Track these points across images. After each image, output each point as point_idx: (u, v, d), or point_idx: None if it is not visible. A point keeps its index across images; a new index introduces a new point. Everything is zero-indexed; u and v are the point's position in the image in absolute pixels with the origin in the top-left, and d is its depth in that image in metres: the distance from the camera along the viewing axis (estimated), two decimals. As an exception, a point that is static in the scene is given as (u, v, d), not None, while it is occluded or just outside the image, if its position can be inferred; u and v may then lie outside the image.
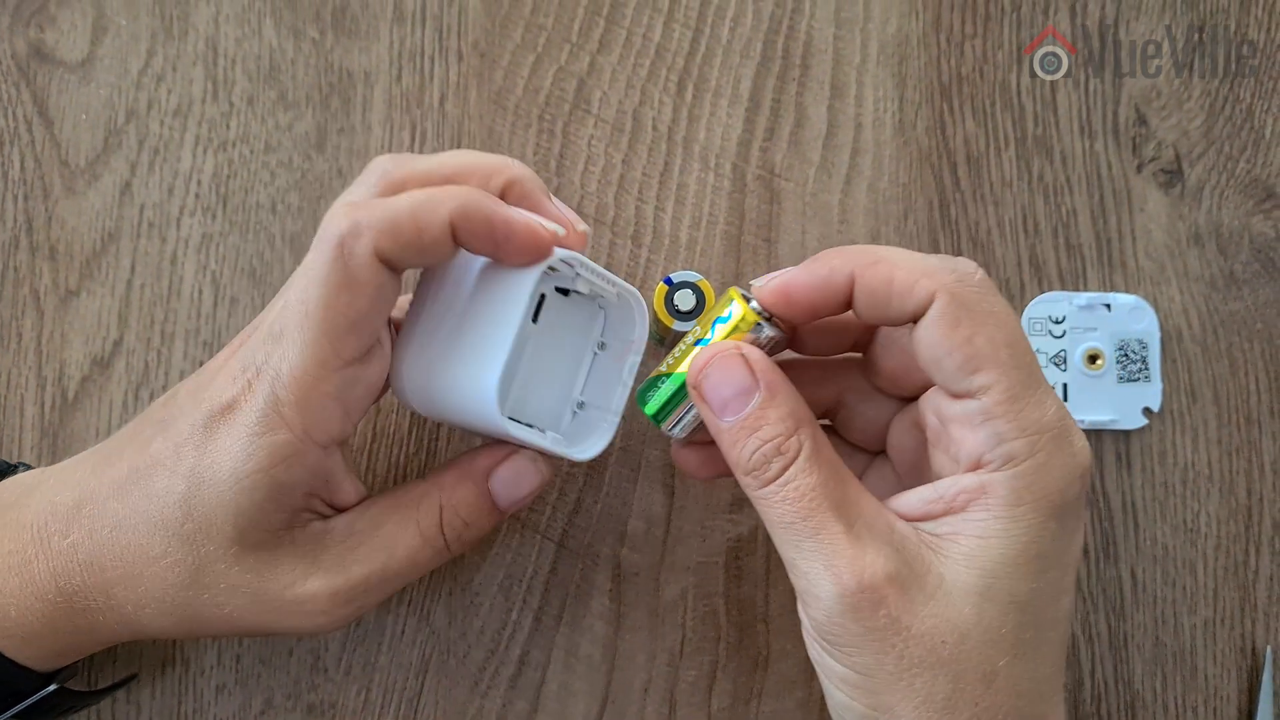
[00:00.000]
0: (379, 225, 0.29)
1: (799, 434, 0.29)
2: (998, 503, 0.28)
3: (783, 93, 0.43)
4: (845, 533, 0.28)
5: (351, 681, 0.39)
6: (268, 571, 0.31)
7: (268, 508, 0.30)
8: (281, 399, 0.29)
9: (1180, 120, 0.43)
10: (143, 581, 0.31)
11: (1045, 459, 0.28)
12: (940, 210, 0.42)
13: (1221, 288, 0.42)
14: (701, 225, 0.42)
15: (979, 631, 0.28)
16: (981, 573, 0.28)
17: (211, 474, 0.30)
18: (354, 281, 0.29)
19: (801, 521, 0.28)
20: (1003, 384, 0.28)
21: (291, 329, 0.29)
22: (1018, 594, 0.28)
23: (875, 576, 0.27)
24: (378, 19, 0.43)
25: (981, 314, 0.29)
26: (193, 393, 0.31)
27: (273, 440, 0.29)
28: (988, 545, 0.28)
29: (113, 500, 0.31)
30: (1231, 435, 0.41)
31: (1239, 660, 0.40)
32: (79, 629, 0.32)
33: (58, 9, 0.43)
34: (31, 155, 0.42)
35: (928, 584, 0.28)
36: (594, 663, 0.39)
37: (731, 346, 0.30)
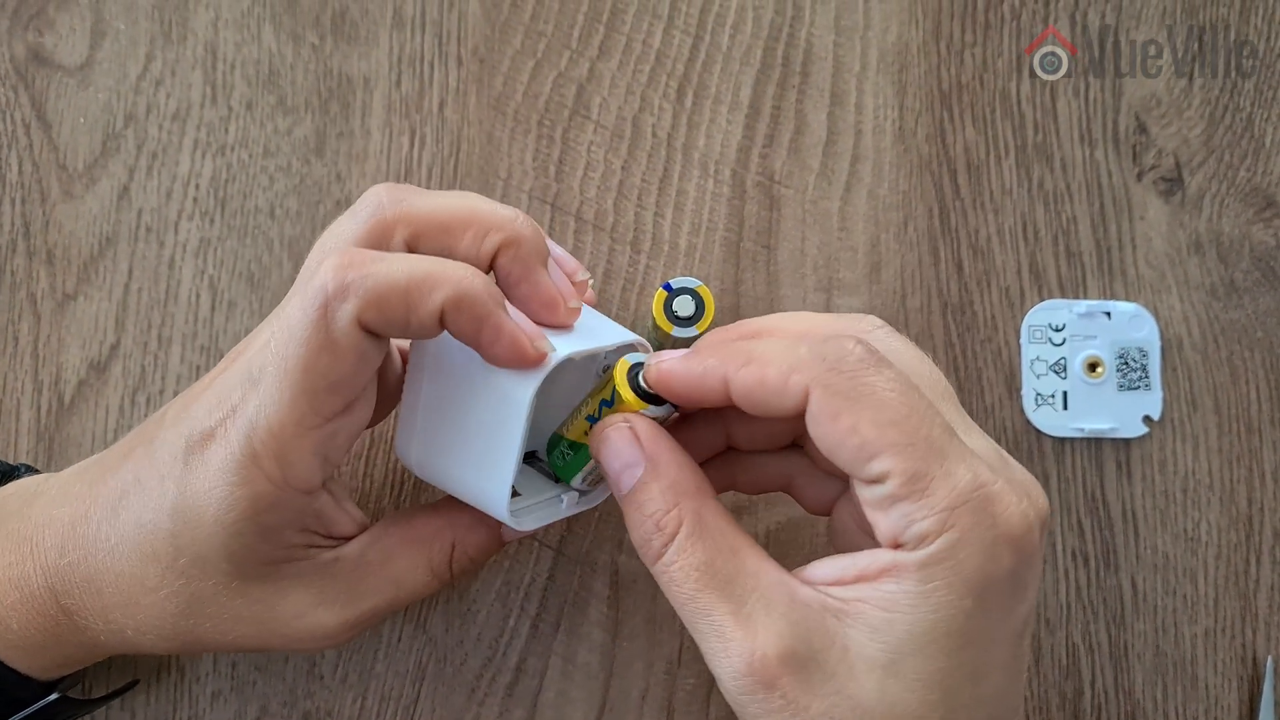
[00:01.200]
0: (367, 296, 0.27)
1: (678, 509, 0.28)
2: (909, 576, 0.26)
3: (783, 100, 0.43)
4: (733, 613, 0.27)
5: (348, 689, 0.39)
6: (274, 601, 0.31)
7: (261, 548, 0.30)
8: (259, 452, 0.28)
9: (1180, 128, 0.43)
10: (141, 609, 0.31)
11: (960, 535, 0.26)
12: (940, 217, 0.42)
13: (1222, 296, 0.42)
14: (701, 232, 0.42)
15: (881, 709, 0.26)
16: (885, 647, 0.26)
17: (196, 515, 0.29)
18: (334, 346, 0.28)
19: (690, 602, 0.27)
20: (900, 466, 0.26)
21: (270, 380, 0.28)
22: (925, 673, 0.26)
23: (766, 659, 0.26)
24: (377, 24, 0.43)
25: (861, 399, 0.27)
26: (177, 415, 0.31)
27: (253, 491, 0.28)
28: (893, 619, 0.26)
29: (105, 523, 0.31)
30: (1232, 444, 0.41)
31: (1240, 670, 0.40)
32: (81, 644, 0.32)
33: (56, 13, 0.43)
34: (29, 159, 0.42)
35: (829, 659, 0.26)
36: (592, 670, 0.39)
37: (619, 419, 0.30)
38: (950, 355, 0.41)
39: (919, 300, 0.41)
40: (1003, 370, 0.41)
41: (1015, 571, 0.27)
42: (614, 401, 0.31)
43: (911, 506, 0.26)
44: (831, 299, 0.41)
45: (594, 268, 0.41)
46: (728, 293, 0.41)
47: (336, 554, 0.32)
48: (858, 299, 0.41)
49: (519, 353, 0.29)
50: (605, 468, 0.30)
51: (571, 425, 0.32)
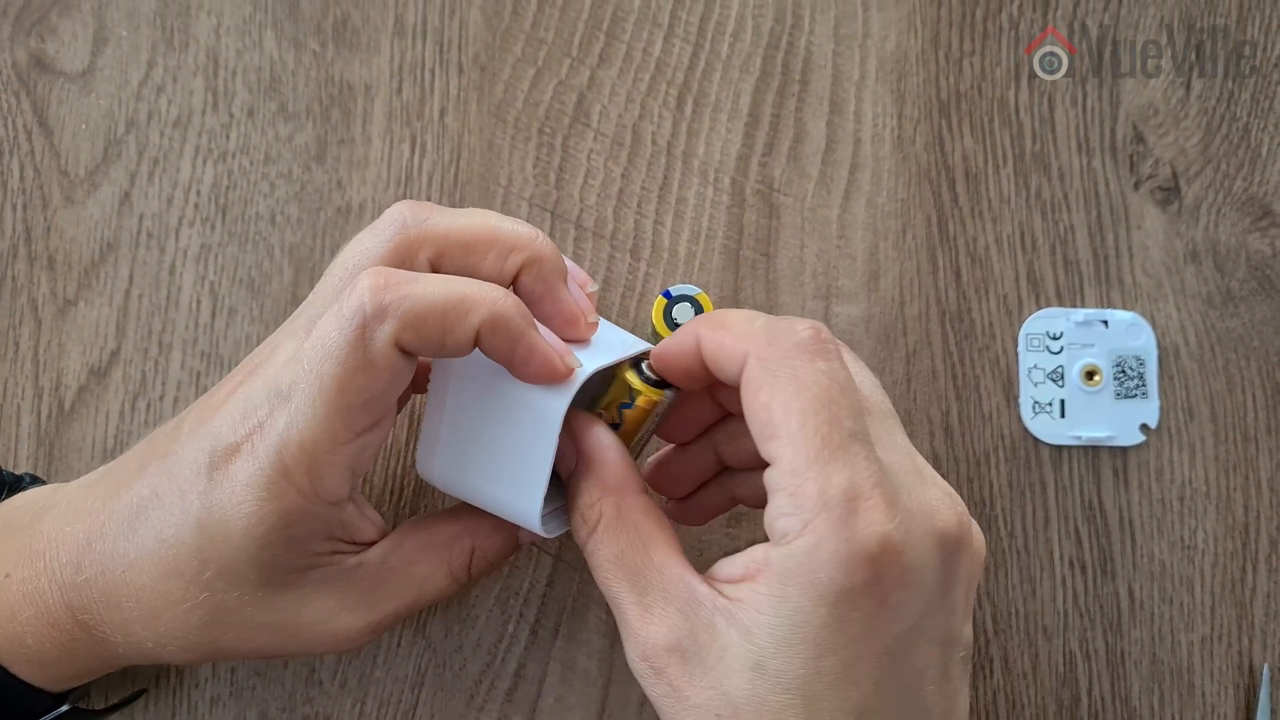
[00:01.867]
0: (405, 318, 0.28)
1: (600, 502, 0.30)
2: (770, 579, 0.27)
3: (782, 108, 0.43)
4: (635, 603, 0.29)
5: (346, 694, 0.39)
6: (298, 609, 0.31)
7: (288, 558, 0.30)
8: (291, 467, 0.28)
9: (1177, 138, 0.43)
10: (162, 622, 0.31)
11: (816, 541, 0.26)
12: (939, 226, 0.42)
13: (1218, 305, 0.42)
14: (700, 239, 0.42)
15: (750, 706, 0.27)
16: (754, 646, 0.27)
17: (223, 530, 0.29)
18: (371, 366, 0.28)
19: (604, 588, 0.30)
20: (787, 454, 0.27)
21: (302, 397, 0.28)
22: (787, 676, 0.27)
23: (656, 647, 0.28)
24: (378, 32, 0.43)
25: (783, 379, 0.28)
26: (195, 428, 0.31)
27: (283, 505, 0.29)
28: (760, 620, 0.27)
29: (122, 539, 0.31)
30: (1228, 452, 0.41)
31: (1236, 678, 0.40)
32: (97, 655, 0.32)
33: (59, 19, 0.43)
34: (31, 165, 0.42)
35: (709, 655, 0.28)
36: (590, 677, 0.39)
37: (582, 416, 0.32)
38: (948, 363, 0.41)
39: (917, 308, 0.42)
40: (1000, 378, 0.41)
41: (875, 589, 0.27)
42: (632, 402, 0.32)
43: (784, 500, 0.27)
44: (830, 306, 0.42)
45: (594, 275, 0.42)
46: (727, 300, 0.41)
47: (360, 559, 0.32)
48: (856, 307, 0.42)
49: (550, 370, 0.30)
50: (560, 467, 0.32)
51: None
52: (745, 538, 0.40)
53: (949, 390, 0.41)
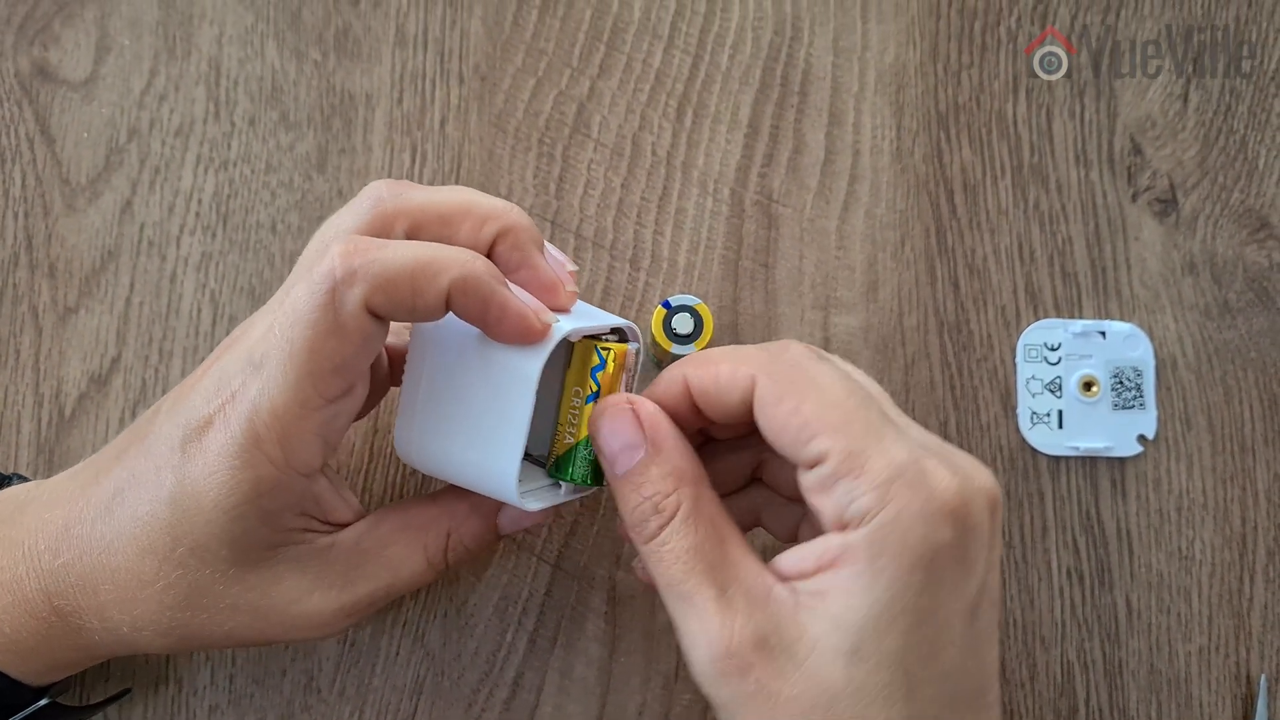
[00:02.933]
0: (375, 280, 0.28)
1: (678, 492, 0.29)
2: (859, 559, 0.27)
3: (781, 119, 0.43)
4: (716, 598, 0.28)
5: (345, 703, 0.39)
6: (270, 588, 0.31)
7: (261, 531, 0.30)
8: (262, 435, 0.29)
9: (1175, 150, 0.43)
10: (137, 604, 0.31)
11: (900, 507, 0.27)
12: (937, 237, 0.42)
13: (1216, 316, 0.42)
14: (700, 250, 0.42)
15: (849, 693, 0.27)
16: (848, 632, 0.27)
17: (195, 503, 0.29)
18: (342, 329, 0.28)
19: (678, 584, 0.29)
20: (839, 444, 0.28)
21: (274, 364, 0.29)
22: (885, 652, 0.27)
23: (742, 643, 0.27)
24: (380, 42, 0.43)
25: (802, 385, 0.29)
26: (172, 408, 0.31)
27: (255, 474, 0.29)
28: (852, 604, 0.27)
29: (100, 522, 0.31)
30: (1226, 463, 0.41)
31: (1234, 688, 0.40)
32: (75, 645, 0.32)
33: (62, 28, 0.43)
34: (33, 173, 0.42)
35: (799, 650, 0.27)
36: (588, 685, 0.39)
37: (622, 399, 0.31)
38: (946, 374, 0.42)
39: (916, 319, 0.42)
40: (998, 389, 0.42)
41: (958, 544, 0.28)
42: (604, 363, 0.32)
43: (851, 483, 0.27)
44: (829, 317, 0.42)
45: (593, 285, 0.42)
46: (726, 310, 0.42)
47: (333, 539, 0.32)
48: (855, 317, 0.42)
49: (525, 327, 0.30)
50: (603, 446, 0.31)
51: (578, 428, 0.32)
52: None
53: (947, 401, 0.41)
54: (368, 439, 0.40)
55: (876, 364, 0.41)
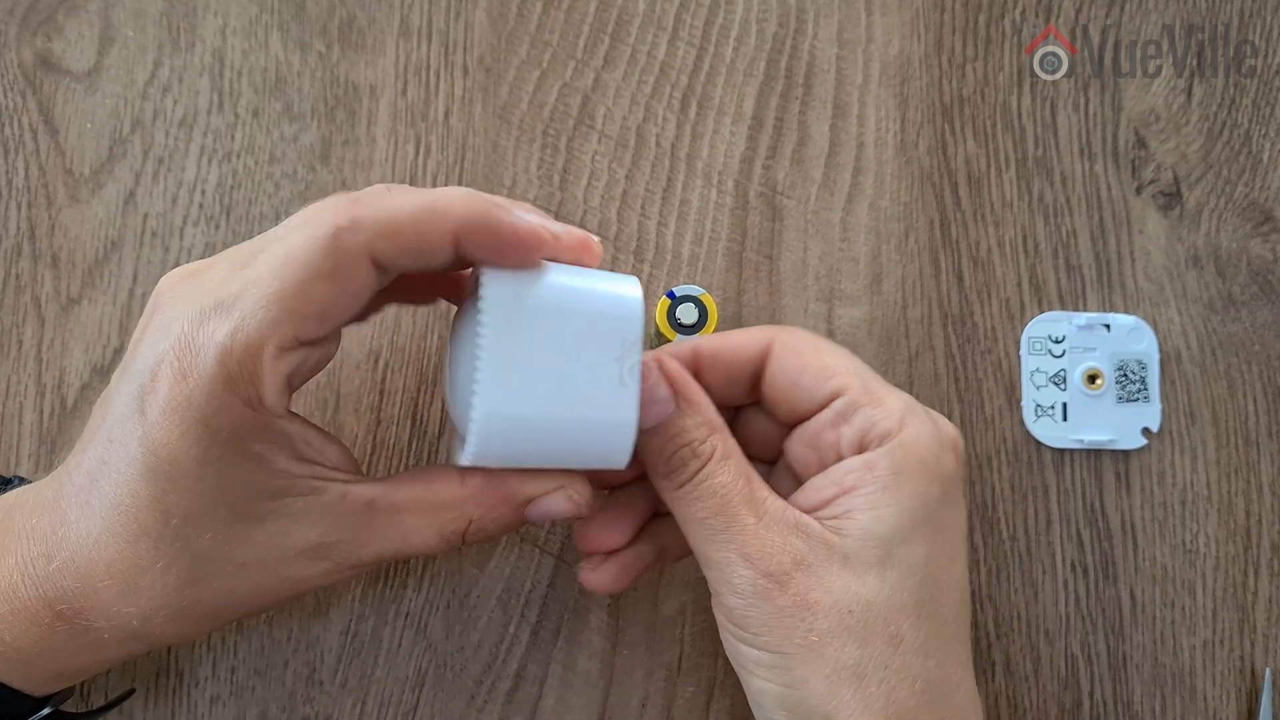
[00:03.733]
0: (378, 227, 0.28)
1: (712, 438, 0.32)
2: (883, 474, 0.31)
3: (785, 111, 0.43)
4: (755, 524, 0.30)
5: (347, 694, 0.39)
6: (277, 542, 0.30)
7: (256, 477, 0.29)
8: (234, 374, 0.27)
9: (1179, 144, 0.43)
10: (141, 592, 0.30)
11: (916, 430, 0.31)
12: (941, 229, 0.42)
13: (1220, 310, 0.42)
14: (704, 241, 0.42)
15: (882, 597, 0.30)
16: (878, 542, 0.30)
17: (174, 467, 0.28)
18: (339, 275, 0.28)
19: (716, 516, 0.31)
20: (857, 381, 0.32)
21: (251, 304, 0.28)
22: (914, 558, 0.30)
23: (783, 561, 0.30)
24: (384, 33, 0.43)
25: (817, 342, 0.34)
26: (119, 378, 0.30)
27: (231, 418, 0.28)
28: (879, 516, 0.30)
29: (82, 519, 0.30)
30: (1230, 456, 0.41)
31: (1238, 682, 0.40)
32: (82, 647, 0.31)
33: (66, 19, 0.43)
34: (36, 163, 0.42)
35: (833, 564, 0.30)
36: (591, 678, 0.39)
37: (650, 358, 0.32)
38: (950, 366, 0.41)
39: (920, 311, 0.42)
40: (1003, 381, 0.41)
41: (958, 475, 0.32)
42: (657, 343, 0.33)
43: (871, 411, 0.32)
44: (833, 309, 0.42)
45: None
46: (730, 302, 0.41)
47: (344, 491, 0.31)
48: (859, 309, 0.42)
49: (538, 240, 0.30)
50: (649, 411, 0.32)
51: None
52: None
53: (951, 393, 0.41)
54: (370, 430, 0.40)
55: (881, 356, 0.41)
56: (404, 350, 0.41)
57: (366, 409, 0.40)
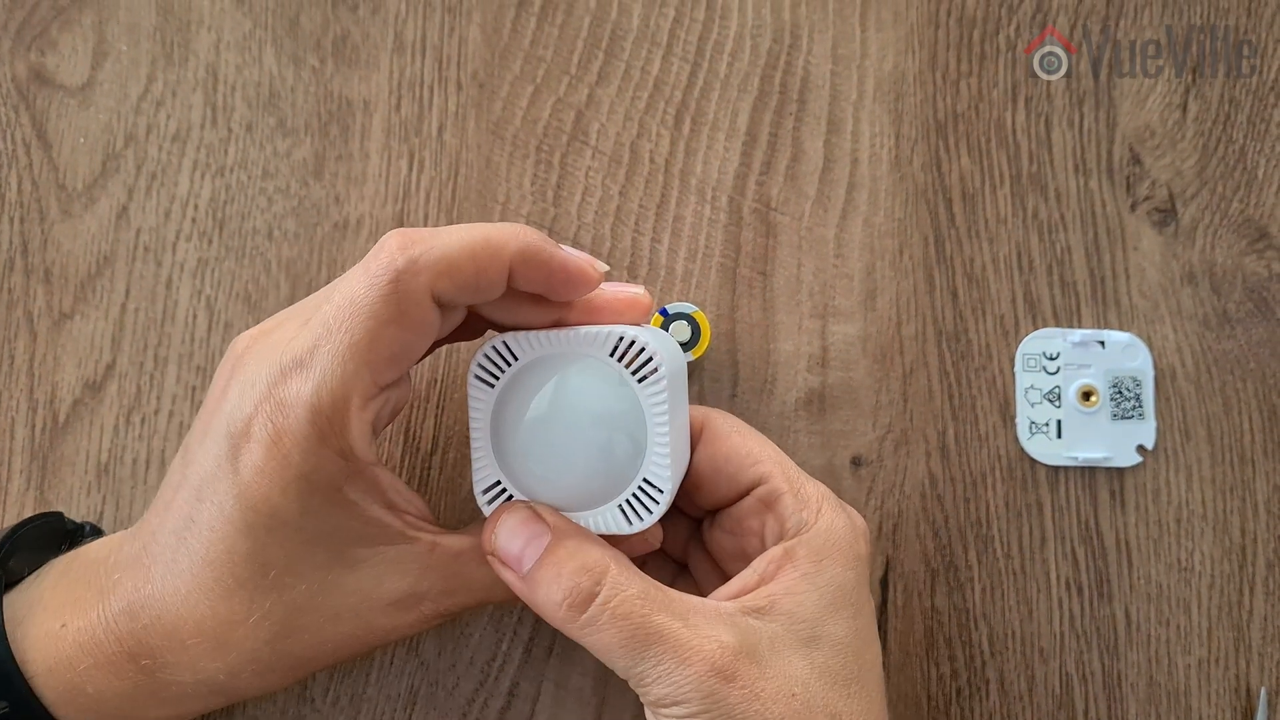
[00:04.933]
0: (437, 266, 0.29)
1: (602, 554, 0.30)
2: (803, 561, 0.31)
3: (779, 127, 0.43)
4: (683, 627, 0.29)
5: (339, 713, 0.39)
6: (372, 591, 0.31)
7: (350, 524, 0.30)
8: (325, 430, 0.28)
9: (1174, 160, 0.43)
10: (232, 648, 0.30)
11: (831, 520, 0.33)
12: (935, 246, 0.42)
13: (1215, 327, 0.42)
14: (697, 258, 0.42)
15: (817, 676, 0.30)
16: (805, 624, 0.30)
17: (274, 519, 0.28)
18: (405, 318, 0.29)
19: (640, 631, 0.29)
20: (778, 470, 0.34)
21: (327, 358, 0.28)
22: (838, 636, 0.31)
23: (725, 654, 0.29)
24: (378, 48, 0.43)
25: (743, 430, 0.35)
26: (202, 436, 0.30)
27: (328, 470, 0.29)
28: (802, 600, 0.31)
29: (170, 575, 0.30)
30: (1225, 474, 0.41)
31: (1233, 701, 0.40)
32: (164, 700, 0.31)
33: (59, 33, 0.43)
34: (29, 178, 0.42)
35: (765, 651, 0.30)
36: (584, 696, 0.39)
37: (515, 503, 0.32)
38: (945, 383, 0.41)
39: (914, 328, 0.42)
40: (997, 398, 0.41)
41: (868, 563, 0.33)
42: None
43: (792, 500, 0.33)
44: (827, 325, 0.42)
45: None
46: (724, 319, 0.41)
47: (435, 540, 0.32)
48: (853, 326, 0.42)
49: (586, 277, 0.31)
50: (504, 552, 0.31)
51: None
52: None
53: (945, 410, 0.41)
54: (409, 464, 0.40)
55: (874, 373, 0.41)
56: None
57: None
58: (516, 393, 0.32)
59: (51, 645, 0.30)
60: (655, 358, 0.31)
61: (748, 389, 0.41)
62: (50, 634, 0.30)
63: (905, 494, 0.41)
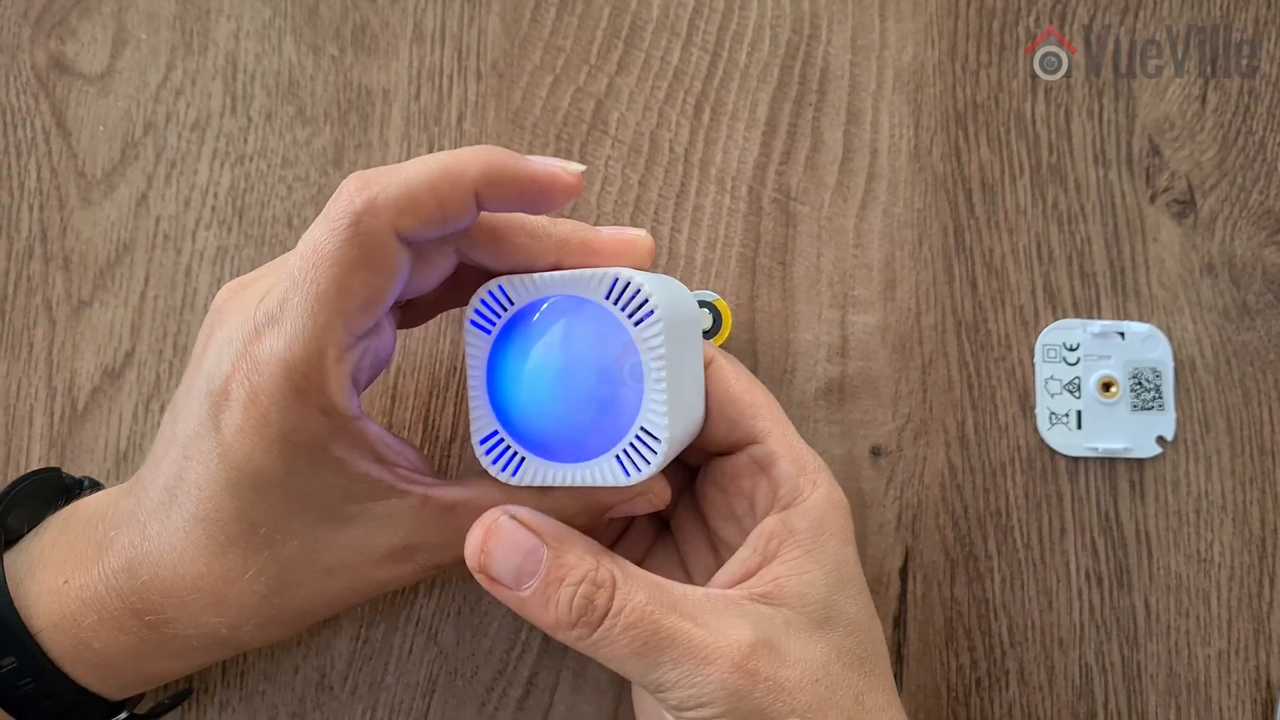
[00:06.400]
0: (397, 204, 0.27)
1: (602, 564, 0.29)
2: (804, 538, 0.31)
3: (799, 117, 0.43)
4: (695, 628, 0.28)
5: (357, 701, 0.39)
6: (364, 545, 0.30)
7: (338, 481, 0.29)
8: (302, 387, 0.27)
9: (1193, 151, 0.43)
10: (230, 602, 0.30)
11: (828, 492, 0.32)
12: (955, 236, 0.42)
13: (1234, 318, 0.42)
14: (717, 247, 0.42)
15: (836, 658, 0.29)
16: (816, 606, 0.30)
17: (260, 480, 0.28)
18: (371, 261, 0.27)
19: (653, 638, 0.28)
20: (778, 430, 0.32)
21: (297, 311, 0.27)
22: (849, 616, 0.30)
23: (744, 650, 0.28)
24: (397, 37, 0.43)
25: (750, 378, 0.34)
26: (185, 397, 0.30)
27: (310, 429, 0.28)
28: (810, 580, 0.30)
29: (165, 534, 0.30)
30: (1245, 466, 0.41)
31: (1253, 693, 0.40)
32: (171, 654, 0.31)
33: (79, 22, 0.43)
34: (48, 166, 0.42)
35: (781, 638, 0.29)
36: (602, 685, 0.39)
37: (495, 514, 0.29)
38: (964, 374, 0.41)
39: (933, 318, 0.42)
40: (1017, 389, 0.41)
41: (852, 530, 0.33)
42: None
43: (789, 466, 0.32)
44: (846, 315, 0.42)
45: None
46: (743, 308, 0.41)
47: (427, 493, 0.31)
48: (872, 316, 0.41)
49: (559, 182, 0.30)
50: (501, 567, 0.29)
51: None
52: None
53: (965, 401, 0.41)
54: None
55: (894, 363, 0.41)
56: (415, 355, 0.41)
57: (378, 414, 0.40)
58: (514, 339, 0.30)
59: (55, 601, 0.30)
60: (650, 299, 0.29)
61: (767, 378, 0.41)
62: (53, 590, 0.30)
63: (925, 484, 0.41)
